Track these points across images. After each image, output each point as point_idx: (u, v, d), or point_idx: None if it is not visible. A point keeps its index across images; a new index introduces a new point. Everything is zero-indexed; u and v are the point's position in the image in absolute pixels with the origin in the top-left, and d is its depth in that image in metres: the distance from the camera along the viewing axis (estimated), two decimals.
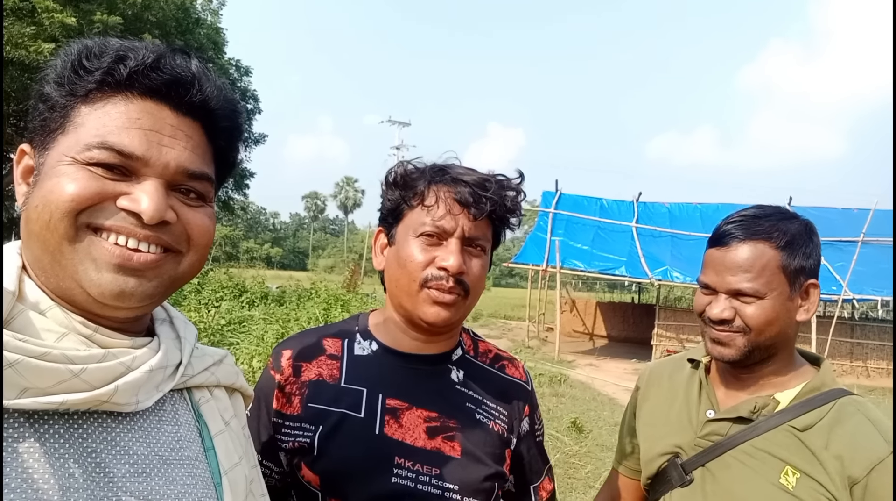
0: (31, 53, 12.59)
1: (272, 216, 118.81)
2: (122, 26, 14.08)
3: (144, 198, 0.75)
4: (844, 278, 14.63)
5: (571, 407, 9.56)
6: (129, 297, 0.76)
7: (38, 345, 0.68)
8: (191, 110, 0.81)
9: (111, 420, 0.76)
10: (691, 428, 1.45)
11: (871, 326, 16.84)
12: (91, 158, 0.74)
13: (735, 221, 1.37)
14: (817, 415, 1.30)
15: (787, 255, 1.31)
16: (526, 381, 1.44)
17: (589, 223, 18.51)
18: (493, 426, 1.32)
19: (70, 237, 0.73)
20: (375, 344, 1.33)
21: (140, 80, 0.77)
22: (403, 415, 1.25)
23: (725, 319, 1.33)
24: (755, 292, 1.30)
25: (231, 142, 0.90)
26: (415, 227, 1.23)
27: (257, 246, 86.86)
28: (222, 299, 15.52)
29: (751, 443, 1.33)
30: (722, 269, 1.35)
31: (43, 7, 12.79)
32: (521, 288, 47.21)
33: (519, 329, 21.91)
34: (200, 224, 0.83)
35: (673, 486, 1.44)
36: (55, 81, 0.77)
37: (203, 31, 18.26)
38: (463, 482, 1.24)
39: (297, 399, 1.27)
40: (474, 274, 1.24)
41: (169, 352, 0.83)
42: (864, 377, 15.62)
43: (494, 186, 1.24)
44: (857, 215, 17.04)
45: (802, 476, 1.25)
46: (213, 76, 0.85)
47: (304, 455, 1.23)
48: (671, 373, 1.61)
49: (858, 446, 1.23)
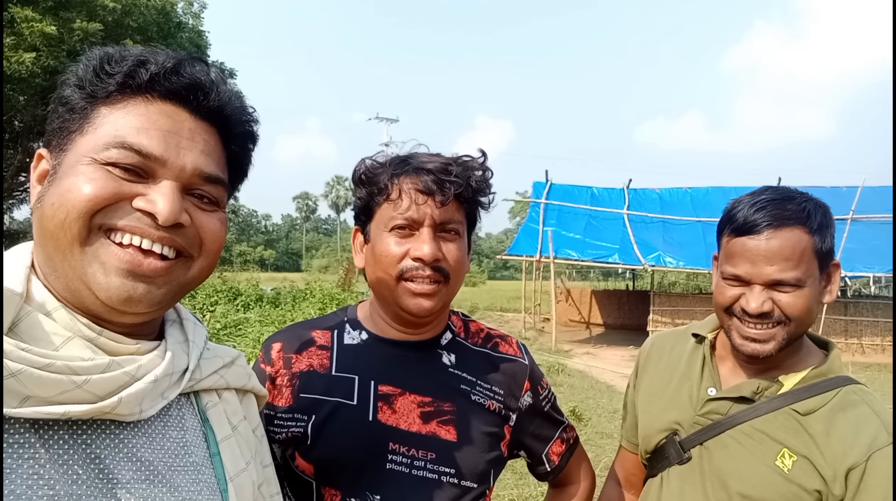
0: (13, 64, 12.47)
1: (264, 219, 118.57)
2: (103, 33, 13.93)
3: (160, 199, 0.76)
4: (836, 255, 14.70)
5: (570, 396, 9.59)
6: (137, 303, 0.76)
7: (42, 355, 0.67)
8: (208, 115, 0.83)
9: (116, 426, 0.76)
10: (691, 406, 1.43)
11: (864, 303, 16.98)
12: (109, 158, 0.74)
13: (762, 207, 1.28)
14: (820, 401, 1.29)
15: (819, 238, 1.27)
16: (521, 356, 1.44)
17: (580, 212, 18.55)
18: (489, 405, 1.33)
19: (82, 239, 0.73)
20: (365, 333, 1.34)
21: (160, 83, 0.78)
22: (397, 401, 1.26)
23: (765, 311, 1.26)
24: (797, 281, 1.24)
25: (245, 148, 0.91)
26: (385, 222, 1.24)
27: (250, 249, 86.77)
28: (217, 303, 15.46)
29: (750, 424, 1.33)
30: (759, 259, 1.26)
31: (22, 17, 12.65)
32: (516, 280, 47.27)
33: (515, 321, 21.94)
34: (213, 229, 0.84)
35: (671, 463, 1.44)
36: (76, 84, 0.78)
37: (185, 35, 18.08)
38: (459, 465, 1.25)
39: (289, 391, 1.27)
40: (452, 258, 1.24)
41: (176, 357, 0.83)
42: (860, 354, 15.75)
43: (457, 169, 1.23)
44: (845, 192, 17.11)
45: (799, 458, 1.25)
46: (230, 84, 0.86)
47: (297, 444, 1.24)
48: (673, 346, 1.59)
49: (860, 433, 1.23)
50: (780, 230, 1.25)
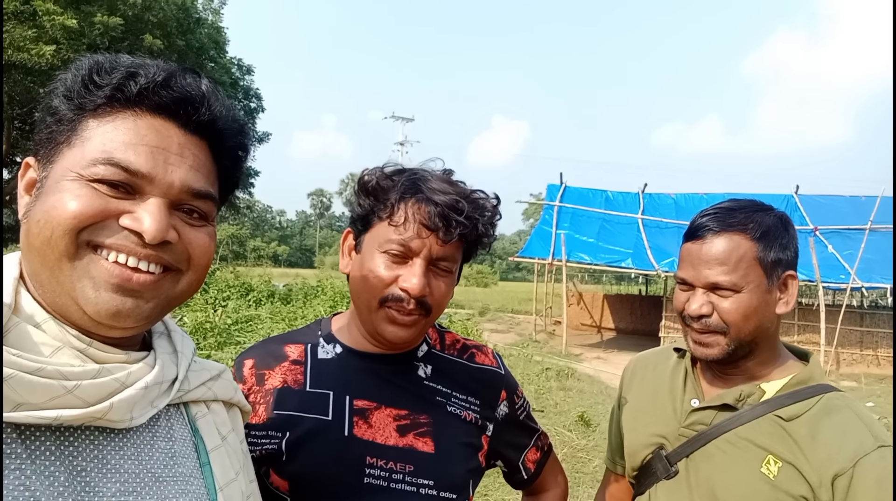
0: (33, 56, 12.63)
1: (278, 214, 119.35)
2: (123, 27, 14.11)
3: (147, 217, 0.75)
4: (853, 266, 14.53)
5: (579, 401, 9.55)
6: (125, 317, 0.75)
7: (32, 360, 0.67)
8: (198, 129, 0.81)
9: (102, 438, 0.76)
10: (675, 418, 1.44)
11: (880, 314, 16.70)
12: (96, 174, 0.73)
13: (709, 213, 1.35)
14: (804, 406, 1.29)
15: (762, 246, 1.30)
16: (497, 366, 1.44)
17: (594, 216, 18.51)
18: (465, 416, 1.32)
19: (70, 255, 0.73)
20: (339, 347, 1.33)
21: (149, 96, 0.77)
22: (372, 415, 1.25)
23: (703, 314, 1.31)
24: (732, 285, 1.28)
25: (236, 162, 0.90)
26: (381, 241, 1.20)
27: (264, 244, 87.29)
28: (229, 298, 15.58)
29: (734, 432, 1.33)
30: (698, 263, 1.33)
31: (44, 10, 12.82)
32: (528, 282, 47.25)
33: (526, 323, 21.93)
34: (201, 244, 0.83)
35: (658, 479, 1.43)
36: (64, 94, 0.77)
37: (204, 31, 18.22)
38: (438, 476, 1.24)
39: (262, 408, 1.26)
40: (438, 294, 1.22)
41: (165, 367, 0.83)
42: (875, 366, 15.52)
43: (468, 208, 1.19)
44: (864, 202, 16.93)
45: (784, 465, 1.25)
46: (222, 96, 0.85)
47: (272, 461, 1.22)
48: (656, 364, 1.61)
49: (846, 438, 1.23)
50: (719, 235, 1.31)
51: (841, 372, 14.66)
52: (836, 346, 14.50)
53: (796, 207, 17.15)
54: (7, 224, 17.83)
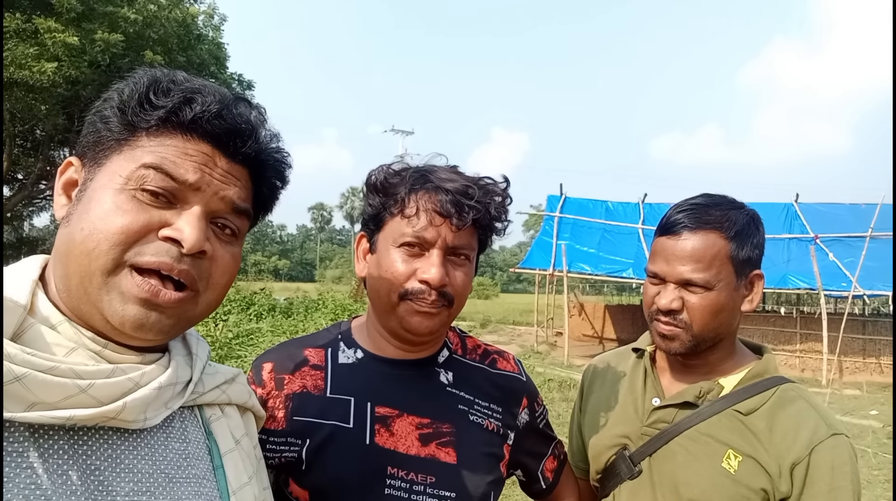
0: (35, 74, 12.67)
1: (279, 229, 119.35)
2: (125, 44, 14.15)
3: (187, 227, 0.77)
4: (854, 273, 14.50)
5: None
6: (147, 330, 0.77)
7: (46, 359, 0.68)
8: (244, 159, 0.84)
9: (116, 437, 0.76)
10: (637, 418, 1.44)
11: (883, 321, 16.62)
12: (144, 180, 0.75)
13: (685, 209, 1.35)
14: (760, 400, 1.32)
15: (736, 245, 1.31)
16: (519, 372, 1.42)
17: (595, 226, 18.50)
18: (487, 424, 1.30)
19: (108, 270, 0.74)
20: (360, 352, 1.30)
21: (202, 124, 0.79)
22: (394, 423, 1.22)
23: (673, 309, 1.32)
24: (705, 282, 1.30)
25: (273, 191, 0.93)
26: (395, 236, 1.19)
27: (265, 259, 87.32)
28: (230, 312, 15.56)
29: (695, 428, 1.34)
30: (672, 258, 1.33)
31: (45, 27, 12.87)
32: (529, 293, 47.11)
33: (528, 335, 21.83)
34: (225, 263, 0.84)
35: (622, 480, 1.43)
36: (119, 107, 0.79)
37: (205, 47, 18.31)
38: (460, 488, 1.21)
39: (282, 413, 1.23)
40: (458, 284, 1.20)
41: (179, 369, 0.83)
42: (878, 374, 15.42)
43: (478, 193, 1.18)
44: (865, 209, 16.89)
45: (745, 458, 1.27)
46: (269, 126, 0.88)
47: (291, 470, 1.20)
48: (616, 365, 1.61)
49: (801, 428, 1.26)
50: (696, 233, 1.32)
51: (844, 381, 14.58)
52: (839, 354, 14.42)
53: (797, 215, 17.15)
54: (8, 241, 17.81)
